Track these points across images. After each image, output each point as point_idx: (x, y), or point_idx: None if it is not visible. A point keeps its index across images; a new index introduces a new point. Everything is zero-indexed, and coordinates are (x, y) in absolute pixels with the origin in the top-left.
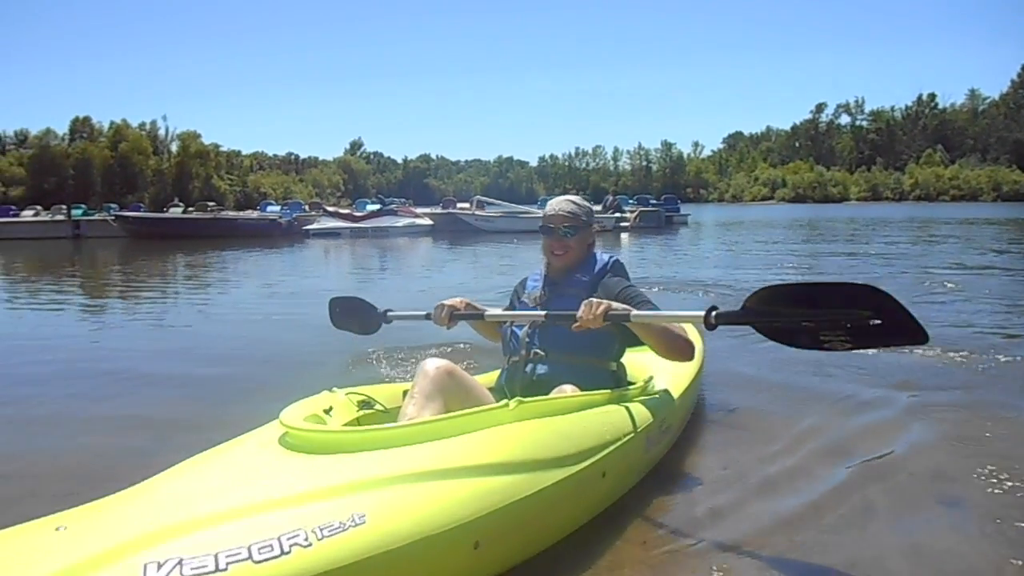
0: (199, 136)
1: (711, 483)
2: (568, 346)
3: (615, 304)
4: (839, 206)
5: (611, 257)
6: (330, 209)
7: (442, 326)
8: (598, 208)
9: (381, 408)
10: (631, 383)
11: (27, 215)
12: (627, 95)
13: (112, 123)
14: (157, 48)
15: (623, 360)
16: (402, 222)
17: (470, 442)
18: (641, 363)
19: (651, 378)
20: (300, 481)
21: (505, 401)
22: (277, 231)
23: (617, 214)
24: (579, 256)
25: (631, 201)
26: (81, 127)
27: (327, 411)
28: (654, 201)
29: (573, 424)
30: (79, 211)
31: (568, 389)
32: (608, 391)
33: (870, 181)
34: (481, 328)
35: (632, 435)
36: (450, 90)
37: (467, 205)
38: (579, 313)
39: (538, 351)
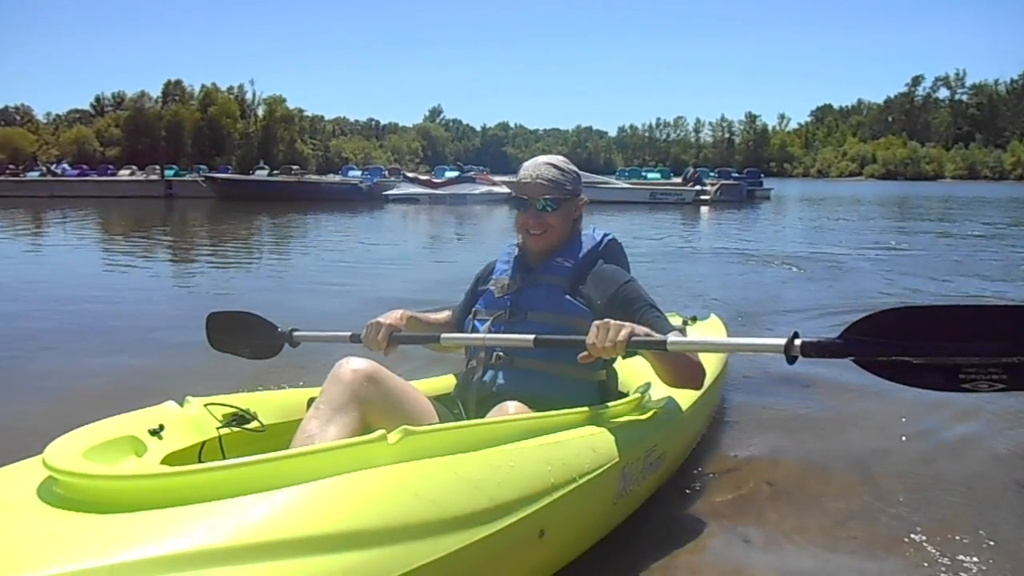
0: (284, 100)
1: (712, 539)
2: (542, 350)
3: (639, 328)
4: (932, 184)
5: (605, 236)
6: (409, 175)
7: (378, 351)
8: (677, 180)
9: (258, 425)
10: (623, 394)
11: (123, 174)
12: (711, 65)
13: (203, 86)
14: (247, 12)
15: (615, 365)
16: (480, 190)
17: (318, 495)
18: (633, 364)
19: (647, 386)
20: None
21: (381, 432)
22: (358, 196)
23: (697, 187)
24: (562, 235)
25: (712, 174)
26: (173, 90)
27: (155, 432)
28: (736, 174)
29: (493, 463)
30: (171, 172)
31: (511, 407)
32: (569, 412)
33: (967, 159)
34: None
35: (596, 473)
36: (530, 58)
37: None
38: (589, 338)
39: (500, 354)
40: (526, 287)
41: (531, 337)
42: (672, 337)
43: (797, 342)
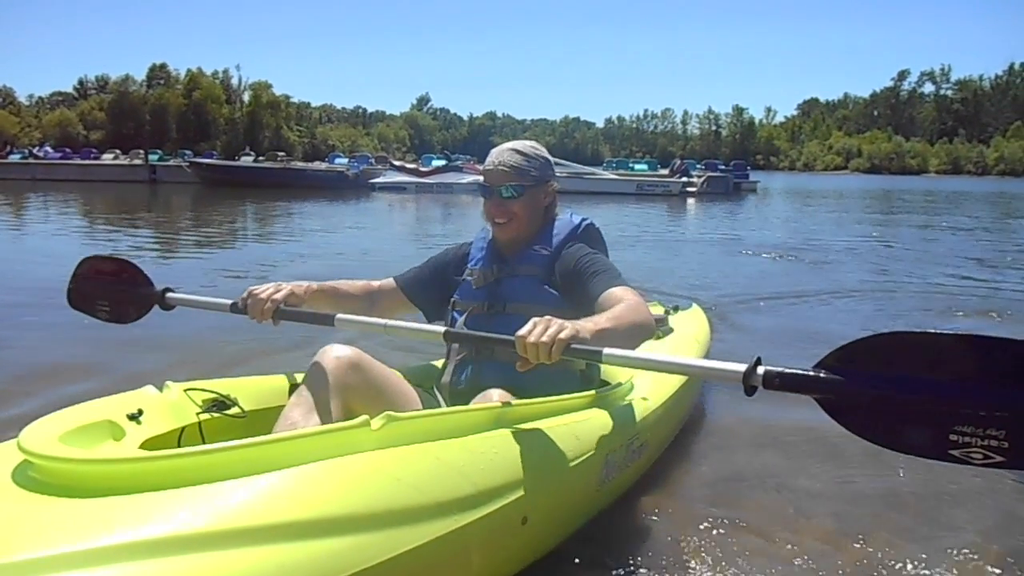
0: (271, 86)
1: (694, 526)
2: None
3: (582, 328)
4: (916, 178)
5: (583, 220)
6: (396, 163)
7: (262, 323)
8: (664, 172)
9: (239, 411)
10: (605, 383)
11: (107, 158)
12: (699, 57)
13: (188, 70)
14: None
15: None
16: (467, 179)
17: (300, 480)
18: None
19: (630, 376)
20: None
21: (364, 417)
22: (344, 183)
23: (684, 179)
24: (532, 223)
25: (699, 166)
26: (158, 74)
27: (134, 416)
28: (723, 167)
29: (476, 450)
30: (155, 156)
31: (495, 396)
32: (551, 399)
33: (951, 154)
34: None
35: (579, 461)
36: (518, 47)
37: None
38: (520, 331)
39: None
40: (504, 278)
41: (441, 330)
42: (608, 350)
43: (760, 370)
